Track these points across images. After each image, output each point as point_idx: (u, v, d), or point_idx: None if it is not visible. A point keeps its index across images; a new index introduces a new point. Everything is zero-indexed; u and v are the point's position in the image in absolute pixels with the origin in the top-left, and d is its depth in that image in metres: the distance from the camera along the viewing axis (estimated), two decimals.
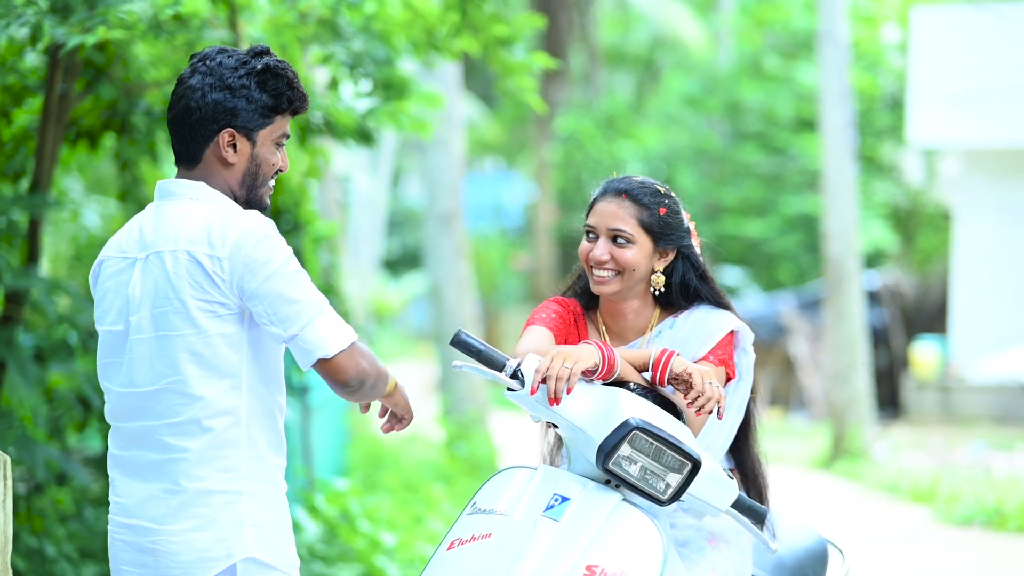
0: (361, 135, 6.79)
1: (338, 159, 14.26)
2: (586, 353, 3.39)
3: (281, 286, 3.19)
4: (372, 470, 11.13)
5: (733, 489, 3.42)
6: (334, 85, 6.66)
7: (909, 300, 19.22)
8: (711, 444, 3.64)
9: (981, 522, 10.74)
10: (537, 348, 3.50)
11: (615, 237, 3.64)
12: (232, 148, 3.32)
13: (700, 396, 3.37)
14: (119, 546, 3.31)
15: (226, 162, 3.33)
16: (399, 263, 30.03)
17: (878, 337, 18.13)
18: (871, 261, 21.11)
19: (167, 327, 3.23)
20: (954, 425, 16.21)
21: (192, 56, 3.37)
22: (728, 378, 3.62)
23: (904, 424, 16.79)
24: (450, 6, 6.41)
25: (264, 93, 3.32)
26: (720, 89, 23.86)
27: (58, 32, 5.10)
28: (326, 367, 3.23)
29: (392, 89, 6.60)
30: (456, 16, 6.42)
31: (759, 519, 3.48)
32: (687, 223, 3.74)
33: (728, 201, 23.03)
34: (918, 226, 22.56)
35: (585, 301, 3.80)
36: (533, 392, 3.34)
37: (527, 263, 26.36)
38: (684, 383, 3.42)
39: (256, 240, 3.20)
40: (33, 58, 6.24)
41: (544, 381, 3.33)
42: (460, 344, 3.37)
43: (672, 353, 3.45)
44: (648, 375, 3.48)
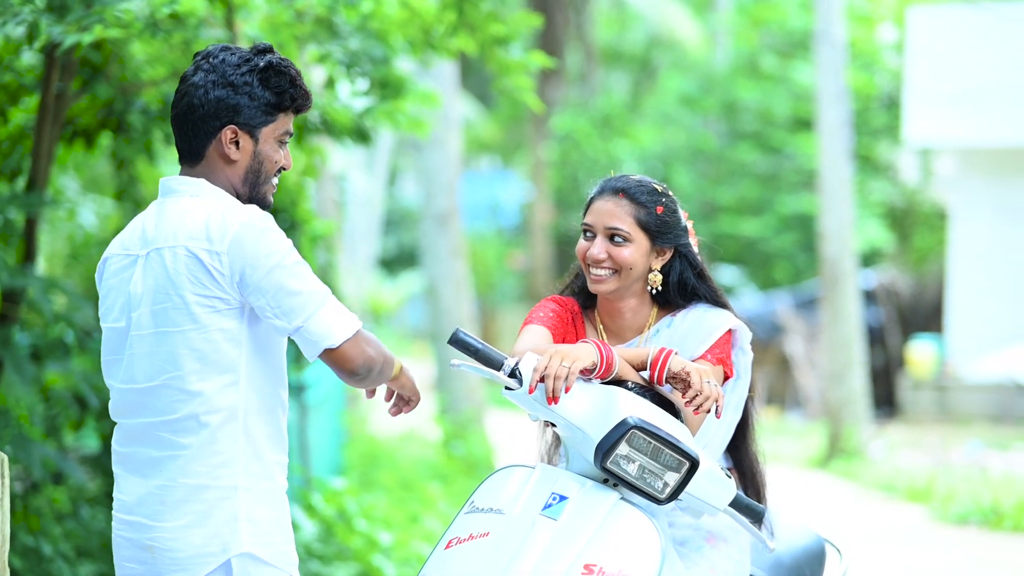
0: (358, 134, 6.79)
1: (334, 158, 14.25)
2: (584, 352, 3.39)
3: (283, 278, 3.19)
4: (369, 469, 11.12)
5: (731, 488, 3.42)
6: (331, 84, 6.65)
7: (905, 299, 19.24)
8: (709, 443, 3.64)
9: (977, 521, 10.75)
10: (535, 347, 3.49)
11: (612, 236, 3.64)
12: (235, 145, 3.32)
13: (698, 395, 3.37)
14: (120, 543, 3.32)
15: (229, 159, 3.33)
16: (395, 262, 30.04)
17: (874, 336, 18.14)
18: (867, 260, 21.13)
19: (167, 323, 3.24)
20: (950, 424, 16.22)
21: (196, 54, 3.37)
22: (726, 377, 3.62)
23: (900, 423, 16.80)
24: (447, 5, 6.41)
25: (267, 90, 3.32)
26: (716, 88, 23.87)
27: (55, 31, 5.09)
28: (332, 356, 3.24)
29: (389, 88, 6.60)
30: (453, 15, 6.42)
31: (757, 518, 3.48)
32: (684, 222, 3.73)
33: (724, 200, 23.04)
34: (914, 225, 22.58)
35: (583, 300, 3.79)
36: (531, 391, 3.34)
37: (523, 262, 26.36)
38: (682, 382, 3.42)
39: (255, 234, 3.21)
40: (29, 57, 6.23)
41: (542, 380, 3.33)
42: (458, 343, 3.36)
43: (670, 352, 3.45)
44: (646, 374, 3.48)
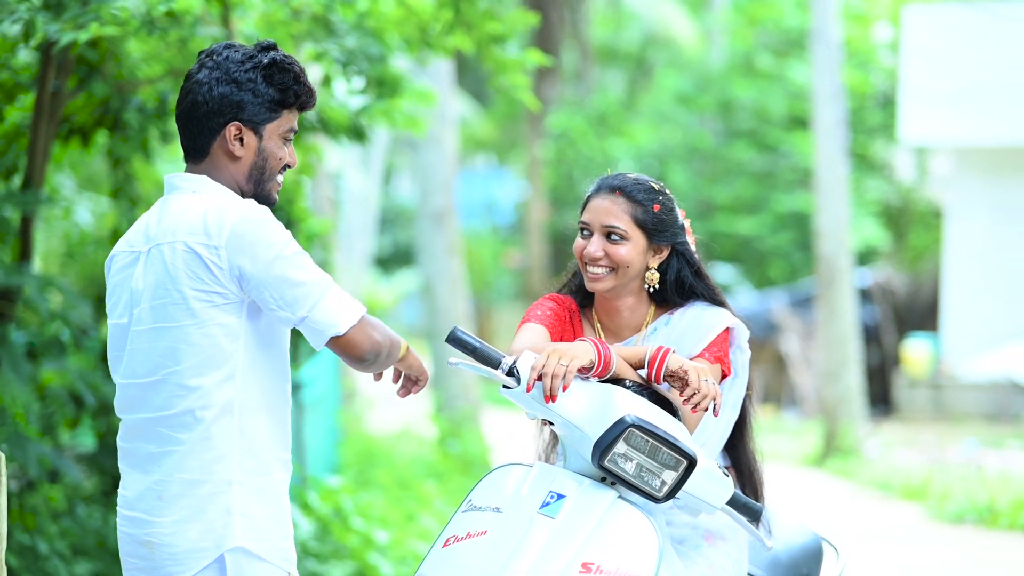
0: (354, 132, 6.78)
1: (330, 156, 14.25)
2: (582, 350, 3.39)
3: (284, 269, 3.20)
4: (365, 467, 11.12)
5: (729, 486, 3.42)
6: (327, 82, 6.65)
7: (901, 298, 19.26)
8: (707, 441, 3.63)
9: (973, 519, 10.77)
10: (533, 345, 3.49)
11: (609, 234, 3.64)
12: (239, 142, 3.33)
13: (696, 393, 3.37)
14: (123, 538, 3.34)
15: (233, 155, 3.34)
16: (391, 260, 30.02)
17: (870, 335, 18.16)
18: (863, 259, 21.14)
19: (165, 319, 3.25)
20: (946, 423, 16.24)
21: (200, 52, 3.39)
22: (724, 375, 3.62)
23: (896, 422, 16.81)
24: (443, 3, 6.40)
25: (271, 87, 3.33)
26: (712, 87, 23.88)
27: (51, 29, 5.09)
28: (339, 344, 3.24)
29: (385, 86, 6.59)
30: (449, 13, 6.42)
31: (754, 516, 3.48)
32: (682, 220, 3.73)
33: (720, 199, 23.05)
34: (910, 224, 22.59)
35: (580, 298, 3.79)
36: (529, 389, 3.34)
37: (519, 260, 26.37)
38: (680, 380, 3.42)
39: (253, 227, 3.21)
40: (26, 55, 6.23)
41: (540, 378, 3.33)
42: (456, 341, 3.36)
43: (668, 350, 3.45)
44: (644, 372, 3.48)
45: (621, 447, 3.30)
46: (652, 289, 3.70)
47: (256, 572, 3.26)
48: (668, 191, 3.73)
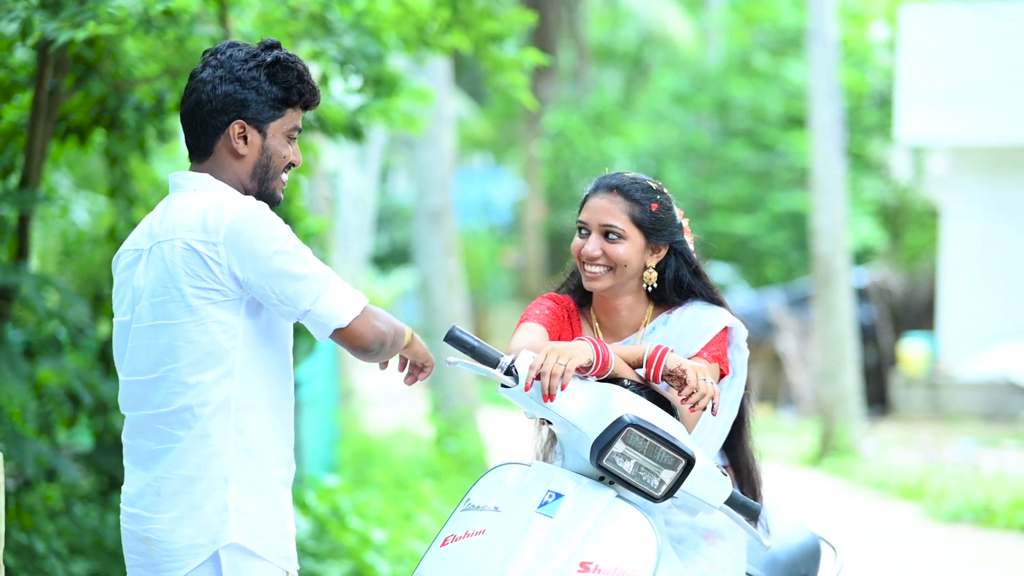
0: (351, 131, 6.78)
1: (327, 155, 14.24)
2: (580, 349, 3.39)
3: (284, 264, 3.21)
4: (362, 466, 11.12)
5: (727, 486, 3.42)
6: (324, 81, 6.63)
7: (897, 297, 19.26)
8: (705, 441, 3.63)
9: (970, 519, 10.77)
10: (531, 344, 3.49)
11: (607, 233, 3.64)
12: (243, 140, 3.35)
13: (694, 393, 3.37)
14: (124, 534, 3.35)
15: (237, 154, 3.35)
16: (387, 259, 30.00)
17: (866, 334, 18.15)
18: (859, 258, 21.15)
19: (165, 316, 3.26)
20: (942, 422, 16.24)
21: (204, 51, 3.40)
22: (722, 374, 3.62)
23: (892, 421, 16.82)
24: (441, 2, 6.40)
25: (274, 85, 3.34)
26: (709, 86, 23.88)
27: (48, 27, 5.09)
28: (343, 335, 3.25)
29: (382, 85, 6.59)
30: (447, 12, 6.41)
31: (753, 516, 3.48)
32: (680, 219, 3.73)
33: (716, 198, 23.05)
34: (906, 223, 22.60)
35: (579, 297, 3.79)
36: (527, 388, 3.34)
37: (516, 259, 26.36)
38: (678, 379, 3.42)
39: (252, 223, 3.22)
40: (23, 53, 6.23)
41: (538, 377, 3.33)
42: (454, 340, 3.36)
43: (666, 349, 3.45)
44: (642, 371, 3.48)
45: (619, 446, 3.31)
46: (650, 288, 3.70)
47: (252, 570, 3.26)
48: (666, 190, 3.73)
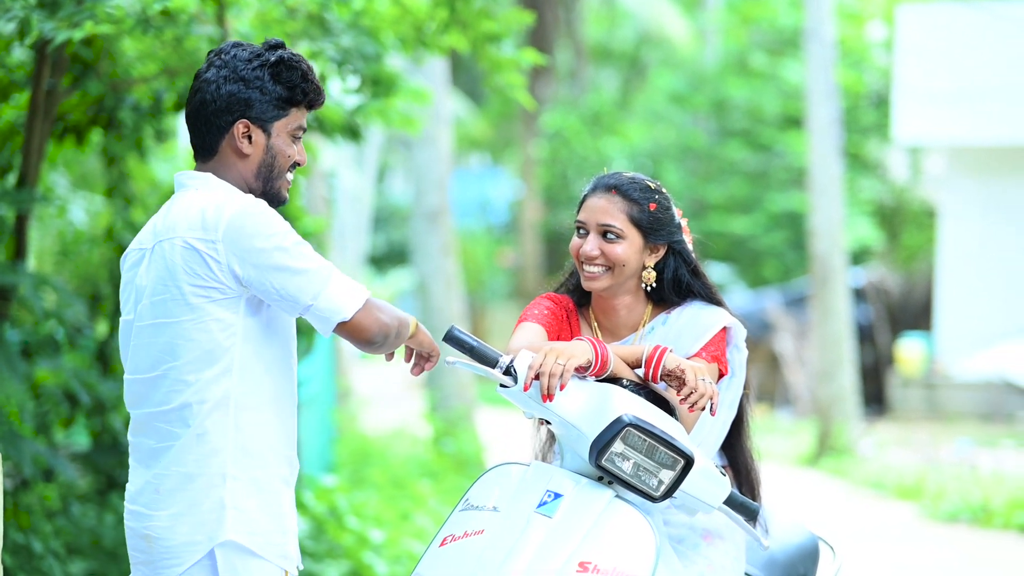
0: (349, 131, 6.78)
1: (324, 155, 14.23)
2: (579, 349, 3.39)
3: (284, 260, 3.21)
4: (359, 466, 11.11)
5: (725, 486, 3.42)
6: (322, 81, 6.63)
7: (894, 297, 19.27)
8: (704, 441, 3.63)
9: (967, 519, 10.78)
10: (530, 344, 3.49)
11: (605, 233, 3.64)
12: (247, 139, 3.36)
13: (693, 392, 3.37)
14: (127, 531, 3.37)
15: (241, 153, 3.36)
16: (384, 259, 30.00)
17: (863, 334, 18.16)
18: (856, 258, 21.15)
19: (165, 314, 3.27)
20: (939, 422, 16.25)
21: (209, 52, 3.42)
22: (721, 374, 3.62)
23: (889, 421, 16.82)
24: (439, 2, 6.39)
25: (278, 85, 3.35)
26: (706, 86, 23.88)
27: (46, 27, 5.08)
28: (347, 329, 3.26)
29: (380, 85, 6.58)
30: (445, 12, 6.41)
31: (751, 516, 3.48)
32: (678, 219, 3.73)
33: (714, 198, 23.05)
34: (903, 223, 22.61)
35: (578, 297, 3.79)
36: (526, 388, 3.34)
37: (513, 259, 26.35)
38: (677, 379, 3.42)
39: (251, 220, 3.23)
40: (20, 53, 6.22)
41: (537, 377, 3.33)
42: (453, 340, 3.37)
43: (665, 349, 3.45)
44: (641, 371, 3.48)
45: (618, 446, 3.30)
46: (649, 288, 3.70)
47: (249, 568, 3.26)
48: (664, 190, 3.73)
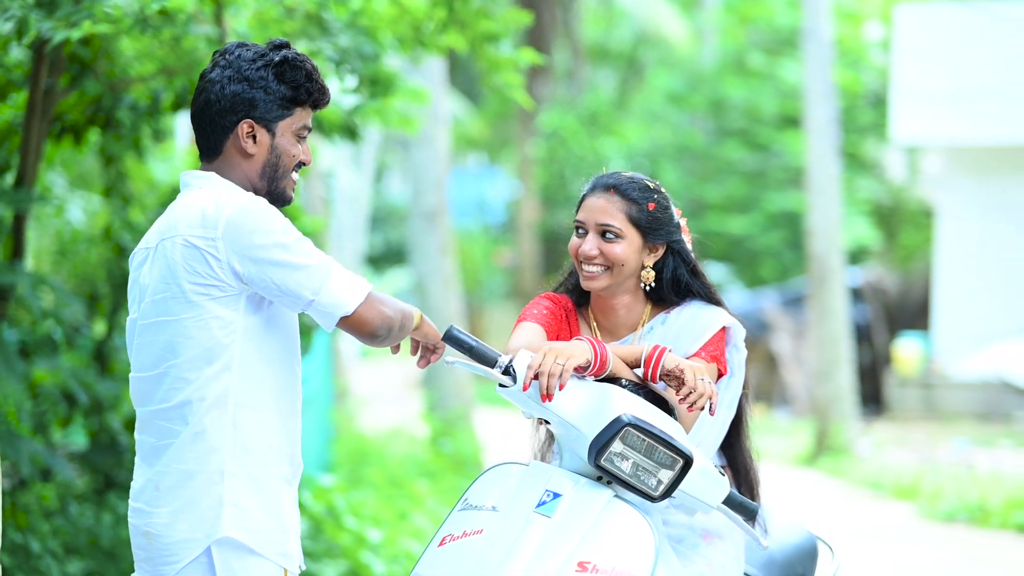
0: (347, 131, 6.77)
1: (322, 155, 14.23)
2: (578, 349, 3.38)
3: (285, 256, 3.22)
4: (357, 466, 11.10)
5: (724, 485, 3.42)
6: None
7: (892, 297, 19.29)
8: (703, 440, 3.63)
9: (964, 518, 10.79)
10: (529, 344, 3.49)
11: (604, 232, 3.63)
12: (251, 139, 3.37)
13: (692, 392, 3.37)
14: (131, 529, 3.37)
15: (246, 153, 3.37)
16: (382, 259, 29.98)
17: (861, 334, 18.17)
18: (854, 258, 21.16)
19: (166, 312, 3.28)
20: (937, 422, 16.26)
21: (214, 52, 3.42)
22: (720, 374, 3.61)
23: (887, 421, 16.83)
24: (437, 2, 6.39)
25: (282, 84, 3.36)
26: (704, 86, 23.89)
27: (44, 26, 5.08)
28: (349, 323, 3.26)
29: (378, 85, 6.58)
30: (443, 12, 6.41)
31: (750, 515, 3.48)
32: (677, 219, 3.73)
33: (711, 198, 23.06)
34: (901, 223, 22.63)
35: (577, 297, 3.79)
36: (525, 388, 3.34)
37: (510, 259, 26.35)
38: (676, 379, 3.41)
39: (251, 217, 3.23)
40: (18, 52, 6.21)
41: (536, 377, 3.33)
42: (452, 340, 3.36)
43: (664, 349, 3.45)
44: (640, 371, 3.48)
45: (617, 446, 3.30)
46: (648, 288, 3.70)
47: (246, 566, 3.26)
48: (663, 189, 3.72)
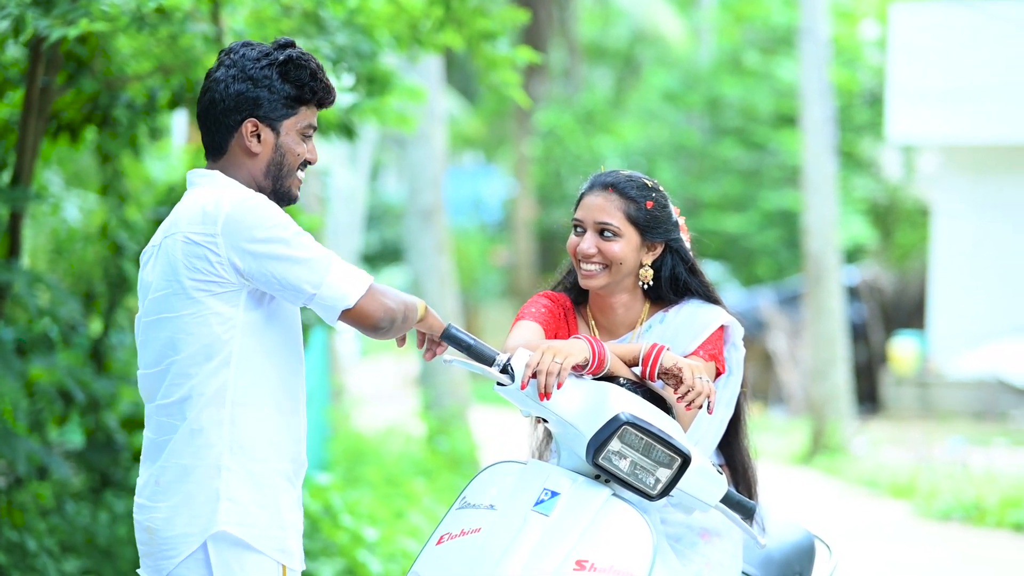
0: (344, 130, 6.77)
1: (319, 153, 14.22)
2: (576, 348, 3.38)
3: (285, 250, 3.22)
4: (354, 464, 11.10)
5: (722, 484, 3.42)
6: None
7: (888, 296, 19.30)
8: (701, 439, 3.63)
9: (960, 517, 10.80)
10: (527, 343, 3.49)
11: (602, 231, 3.63)
12: (256, 138, 3.37)
13: (690, 391, 3.36)
14: (135, 524, 3.38)
15: (250, 152, 3.37)
16: (378, 257, 29.98)
17: (857, 332, 18.19)
18: (850, 257, 21.18)
19: (168, 309, 3.29)
20: (932, 420, 16.27)
21: (220, 51, 3.43)
22: (718, 373, 3.61)
23: (883, 419, 16.85)
24: (433, 1, 6.39)
25: (287, 83, 3.37)
26: (700, 84, 23.90)
27: (40, 24, 5.07)
28: (352, 316, 3.26)
29: (375, 83, 6.58)
30: (440, 10, 6.40)
31: (748, 514, 3.48)
32: (675, 217, 3.73)
33: (707, 196, 23.07)
34: (897, 222, 22.64)
35: (575, 296, 3.78)
36: (523, 387, 3.34)
37: (506, 258, 26.36)
38: (674, 378, 3.41)
39: (250, 212, 3.24)
40: (14, 50, 6.21)
41: (534, 376, 3.32)
42: (450, 338, 3.36)
43: (662, 348, 3.45)
44: (638, 370, 3.48)
45: (615, 445, 3.30)
46: (646, 286, 3.69)
47: (243, 561, 3.25)
48: (661, 188, 3.72)
